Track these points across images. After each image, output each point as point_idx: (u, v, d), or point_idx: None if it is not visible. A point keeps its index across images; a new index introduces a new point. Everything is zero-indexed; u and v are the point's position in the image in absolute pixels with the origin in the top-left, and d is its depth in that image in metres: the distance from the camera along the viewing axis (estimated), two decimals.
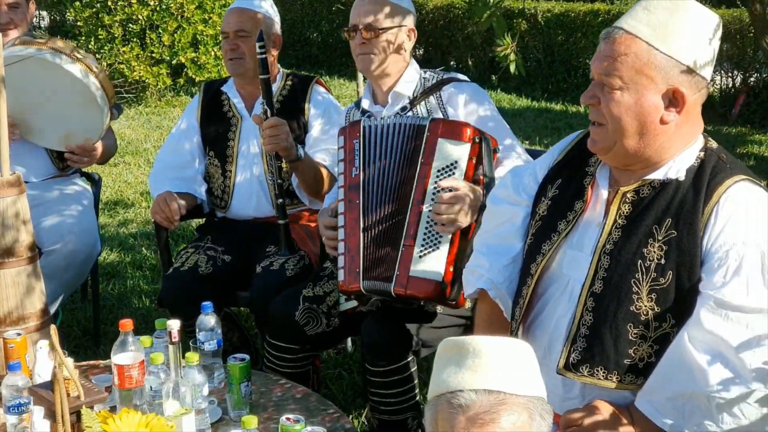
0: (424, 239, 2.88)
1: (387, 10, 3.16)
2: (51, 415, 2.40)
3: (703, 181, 2.07)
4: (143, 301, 4.70)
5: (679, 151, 2.11)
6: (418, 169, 2.94)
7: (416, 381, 3.09)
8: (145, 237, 5.75)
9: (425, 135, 2.94)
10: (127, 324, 2.74)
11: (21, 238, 3.05)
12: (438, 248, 2.86)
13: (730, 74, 9.80)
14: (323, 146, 3.65)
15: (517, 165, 2.91)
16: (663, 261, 2.05)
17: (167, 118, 9.51)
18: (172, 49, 10.08)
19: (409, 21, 3.22)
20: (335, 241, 3.07)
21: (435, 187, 2.89)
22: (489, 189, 2.81)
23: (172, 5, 9.95)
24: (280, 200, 3.52)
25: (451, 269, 2.84)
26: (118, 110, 4.08)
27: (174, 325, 2.69)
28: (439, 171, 2.90)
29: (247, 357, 2.76)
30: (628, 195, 2.14)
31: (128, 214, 6.25)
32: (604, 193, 2.19)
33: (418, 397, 3.10)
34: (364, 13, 3.17)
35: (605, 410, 2.08)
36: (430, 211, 2.88)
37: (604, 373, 2.10)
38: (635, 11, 2.08)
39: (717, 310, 1.98)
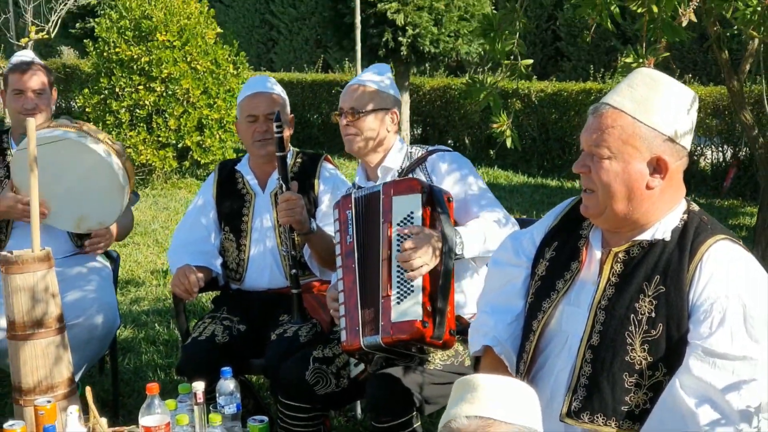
0: (398, 287, 3.08)
1: (370, 95, 3.44)
2: None
3: (687, 240, 2.27)
4: (158, 374, 4.84)
5: (665, 214, 2.32)
6: (381, 228, 3.18)
7: None
8: (157, 314, 5.91)
9: (381, 198, 3.21)
10: (153, 388, 2.90)
11: (50, 310, 3.23)
12: (412, 292, 3.06)
13: (720, 149, 10.07)
14: (332, 219, 3.85)
15: (515, 230, 3.11)
16: (654, 314, 2.24)
17: (174, 199, 9.75)
18: (178, 133, 10.37)
19: (392, 104, 3.49)
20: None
21: (397, 237, 3.11)
22: (446, 236, 3.03)
23: (178, 91, 10.26)
24: (294, 271, 3.71)
25: (428, 308, 3.03)
26: (135, 197, 4.28)
27: (199, 387, 2.88)
28: (399, 224, 3.14)
29: (266, 419, 2.93)
30: (620, 255, 2.34)
31: (140, 292, 6.43)
32: (598, 254, 2.39)
33: None
34: (349, 98, 3.46)
35: None
36: (398, 262, 3.09)
37: (603, 419, 2.26)
38: (620, 88, 2.31)
39: (705, 359, 2.16)
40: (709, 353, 2.16)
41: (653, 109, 2.26)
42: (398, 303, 3.07)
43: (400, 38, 10.06)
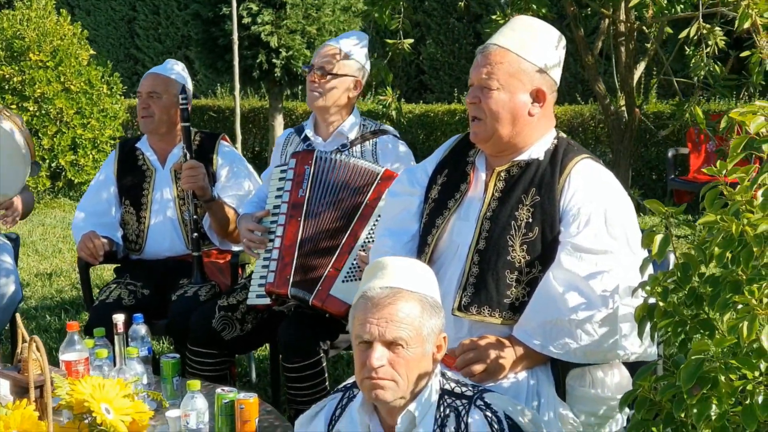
0: (349, 269, 3.41)
1: (341, 60, 3.65)
2: (18, 391, 2.73)
3: (558, 159, 2.69)
4: (54, 356, 4.95)
5: (539, 138, 2.73)
6: (361, 209, 3.47)
7: (326, 375, 3.53)
8: (45, 309, 6.01)
9: (376, 181, 3.49)
10: (73, 325, 3.10)
11: None
12: (358, 280, 3.37)
13: None
14: (231, 192, 4.13)
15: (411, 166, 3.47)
16: (531, 220, 2.63)
17: (49, 216, 9.73)
18: (52, 153, 10.34)
19: (359, 74, 3.71)
20: (256, 244, 3.54)
21: (371, 235, 3.40)
22: None
23: (51, 111, 10.26)
24: (195, 234, 3.97)
25: None
26: (36, 167, 4.42)
27: (119, 318, 3.10)
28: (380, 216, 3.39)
29: (177, 356, 3.17)
30: (502, 174, 2.73)
31: (26, 291, 6.47)
32: (483, 175, 2.77)
33: (328, 389, 3.53)
34: (322, 56, 3.67)
35: (492, 337, 2.61)
36: (362, 248, 3.40)
37: (489, 311, 2.63)
38: (503, 32, 2.72)
39: (573, 253, 2.56)
40: (576, 248, 2.56)
41: (532, 48, 2.67)
42: (343, 281, 3.39)
43: (274, 60, 10.38)
